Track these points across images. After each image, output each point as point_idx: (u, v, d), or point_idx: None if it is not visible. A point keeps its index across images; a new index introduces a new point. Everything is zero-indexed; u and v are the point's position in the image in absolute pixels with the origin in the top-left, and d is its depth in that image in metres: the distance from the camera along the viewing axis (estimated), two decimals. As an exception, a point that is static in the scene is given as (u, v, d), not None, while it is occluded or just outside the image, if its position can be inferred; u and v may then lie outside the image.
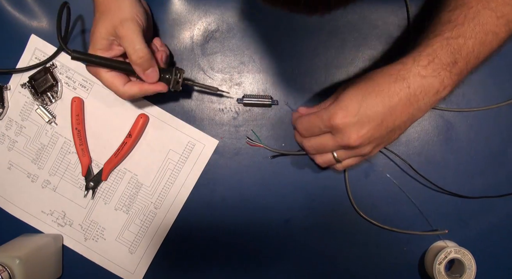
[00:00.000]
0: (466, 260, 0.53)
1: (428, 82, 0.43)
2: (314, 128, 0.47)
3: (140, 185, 0.59)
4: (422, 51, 0.44)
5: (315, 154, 0.50)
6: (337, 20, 0.56)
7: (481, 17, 0.43)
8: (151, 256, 0.59)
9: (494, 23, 0.44)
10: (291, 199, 0.58)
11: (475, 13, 0.44)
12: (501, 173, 0.57)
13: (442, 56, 0.43)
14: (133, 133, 0.56)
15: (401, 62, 0.44)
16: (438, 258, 0.53)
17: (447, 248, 0.54)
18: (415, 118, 0.46)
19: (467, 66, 0.44)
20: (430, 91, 0.44)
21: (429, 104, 0.45)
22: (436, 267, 0.53)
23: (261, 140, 0.57)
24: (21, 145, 0.59)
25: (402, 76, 0.43)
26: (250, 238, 0.58)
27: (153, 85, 0.50)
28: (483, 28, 0.43)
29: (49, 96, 0.58)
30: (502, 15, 0.44)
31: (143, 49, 0.47)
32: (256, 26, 0.57)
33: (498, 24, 0.44)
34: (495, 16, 0.44)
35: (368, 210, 0.57)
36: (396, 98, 0.43)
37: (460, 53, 0.43)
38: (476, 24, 0.43)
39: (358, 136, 0.44)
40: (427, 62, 0.43)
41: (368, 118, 0.44)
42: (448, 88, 0.44)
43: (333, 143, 0.46)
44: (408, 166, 0.56)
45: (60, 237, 0.60)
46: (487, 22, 0.43)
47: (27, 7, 0.58)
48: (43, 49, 0.58)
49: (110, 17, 0.47)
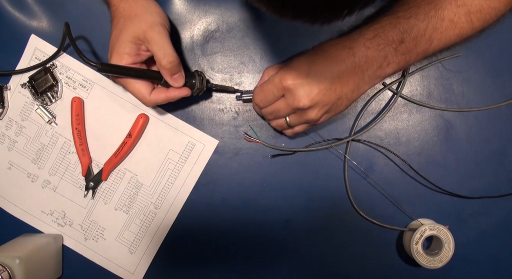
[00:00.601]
0: (442, 235, 0.53)
1: (372, 54, 0.45)
2: (269, 95, 0.48)
3: (140, 185, 0.59)
4: (370, 26, 0.46)
5: (272, 119, 0.51)
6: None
7: (439, 2, 0.44)
8: (151, 256, 0.59)
9: (452, 10, 0.44)
10: (291, 199, 0.58)
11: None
12: (501, 173, 0.57)
13: (389, 33, 0.44)
14: (133, 133, 0.56)
15: (348, 35, 0.46)
16: (414, 238, 0.53)
17: (421, 227, 0.53)
18: (360, 89, 0.47)
19: (416, 48, 0.45)
20: (373, 63, 0.45)
21: (373, 77, 0.46)
22: (414, 247, 0.53)
23: (259, 136, 0.57)
24: (21, 145, 0.59)
25: (349, 46, 0.45)
26: (250, 238, 0.58)
27: (178, 91, 0.50)
28: (438, 13, 0.44)
29: (49, 96, 0.58)
30: (462, 4, 0.44)
31: (173, 53, 0.47)
32: (256, 26, 0.57)
33: (456, 12, 0.44)
34: (454, 4, 0.44)
35: (368, 210, 0.57)
36: (343, 65, 0.45)
37: (409, 33, 0.44)
38: (431, 8, 0.44)
39: (308, 98, 0.45)
40: (372, 36, 0.45)
41: (318, 81, 0.45)
42: (392, 65, 0.45)
43: (285, 105, 0.47)
44: (408, 166, 0.56)
45: (60, 237, 0.60)
46: (444, 7, 0.44)
47: (27, 7, 0.58)
48: (43, 49, 0.58)
49: (138, 22, 0.47)
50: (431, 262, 0.53)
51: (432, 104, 0.57)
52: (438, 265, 0.53)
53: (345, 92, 0.46)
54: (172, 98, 0.50)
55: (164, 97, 0.50)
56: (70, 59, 0.58)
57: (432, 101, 0.57)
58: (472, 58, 0.56)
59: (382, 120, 0.57)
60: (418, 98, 0.57)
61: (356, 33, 0.46)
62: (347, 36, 0.46)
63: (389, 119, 0.57)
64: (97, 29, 0.56)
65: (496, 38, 0.55)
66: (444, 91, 0.57)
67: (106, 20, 0.57)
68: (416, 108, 0.57)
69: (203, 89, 0.53)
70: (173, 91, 0.50)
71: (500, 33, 0.54)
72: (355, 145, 0.57)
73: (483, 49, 0.56)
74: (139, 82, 0.49)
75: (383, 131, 0.57)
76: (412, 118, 0.57)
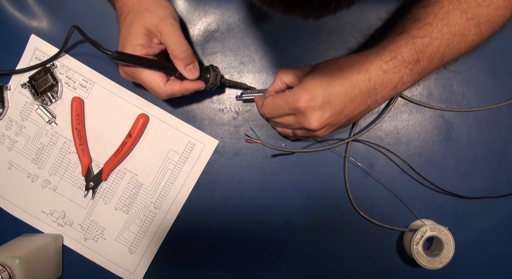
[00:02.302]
0: (443, 236, 0.53)
1: (388, 77, 0.44)
2: (279, 111, 0.48)
3: (140, 185, 0.59)
4: (386, 46, 0.45)
5: (279, 127, 0.52)
6: (337, 20, 0.56)
7: (451, 18, 0.44)
8: (151, 256, 0.59)
9: (463, 24, 0.44)
10: (291, 199, 0.58)
11: (444, 14, 0.44)
12: (501, 173, 0.57)
13: (405, 54, 0.44)
14: (133, 133, 0.56)
15: (365, 54, 0.46)
16: (415, 238, 0.53)
17: (422, 227, 0.53)
18: (370, 109, 0.47)
19: (430, 66, 0.45)
20: (388, 86, 0.45)
21: (386, 97, 0.46)
22: (414, 248, 0.53)
23: (259, 136, 0.56)
24: (21, 145, 0.59)
25: (365, 69, 0.44)
26: (250, 238, 0.58)
27: (192, 83, 0.50)
28: (451, 29, 0.44)
29: (49, 96, 0.58)
30: (472, 17, 0.44)
31: (186, 43, 0.48)
32: (256, 26, 0.57)
33: (467, 26, 0.44)
34: (465, 18, 0.44)
35: (368, 210, 0.57)
36: (357, 89, 0.45)
37: (424, 52, 0.44)
38: (444, 25, 0.44)
39: (319, 123, 0.45)
40: (390, 58, 0.44)
41: (330, 105, 0.45)
42: (406, 84, 0.46)
43: (294, 122, 0.48)
44: (408, 166, 0.56)
45: (60, 237, 0.60)
46: (456, 23, 0.44)
47: (27, 7, 0.58)
48: (43, 49, 0.58)
49: (149, 15, 0.47)
50: (431, 263, 0.53)
51: (432, 104, 0.57)
52: (438, 266, 0.53)
53: (355, 114, 0.46)
54: (187, 90, 0.50)
55: (179, 88, 0.50)
56: (70, 59, 0.58)
57: (432, 101, 0.57)
58: (472, 58, 0.56)
59: (382, 121, 0.57)
60: (418, 98, 0.57)
61: (373, 54, 0.45)
62: (364, 55, 0.46)
63: (389, 119, 0.57)
64: (97, 29, 0.56)
65: (496, 38, 0.55)
66: (444, 91, 0.57)
67: (106, 20, 0.57)
68: (416, 108, 0.57)
69: (216, 84, 0.53)
70: (188, 83, 0.50)
71: (500, 33, 0.54)
72: (355, 144, 0.57)
73: (483, 49, 0.56)
74: (153, 73, 0.48)
75: (383, 131, 0.57)
76: (412, 118, 0.57)
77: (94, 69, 0.58)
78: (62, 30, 0.58)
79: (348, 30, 0.56)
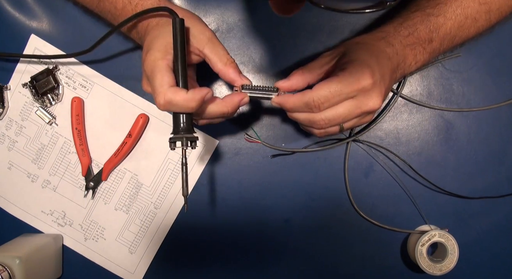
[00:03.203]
0: (449, 245, 0.53)
1: (407, 53, 0.44)
2: (335, 98, 0.40)
3: (140, 185, 0.59)
4: (402, 22, 0.45)
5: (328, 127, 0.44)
6: (337, 20, 0.56)
7: (464, 0, 0.44)
8: (151, 256, 0.59)
9: (475, 8, 0.44)
10: (291, 199, 0.58)
11: None
12: (501, 173, 0.57)
13: (421, 32, 0.44)
14: (133, 133, 0.56)
15: (383, 31, 0.45)
16: (421, 240, 0.53)
17: (431, 231, 0.53)
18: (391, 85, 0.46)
19: (441, 47, 0.45)
20: (406, 62, 0.45)
21: (402, 74, 0.46)
22: (419, 249, 0.53)
23: (259, 136, 0.56)
24: (21, 145, 0.59)
25: (390, 42, 0.44)
26: (250, 238, 0.58)
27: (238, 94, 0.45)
28: (464, 11, 0.44)
29: (49, 98, 0.58)
30: (485, 2, 0.44)
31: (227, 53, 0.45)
32: (256, 26, 0.57)
33: (479, 11, 0.45)
34: (478, 2, 0.44)
35: (368, 210, 0.57)
36: (392, 62, 0.43)
37: (438, 32, 0.44)
38: (458, 6, 0.44)
39: (381, 98, 0.41)
40: (407, 34, 0.44)
41: (384, 79, 0.42)
42: (418, 64, 0.45)
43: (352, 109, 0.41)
44: (408, 166, 0.56)
45: (60, 237, 0.60)
46: (469, 5, 0.44)
47: (27, 7, 0.58)
48: (43, 49, 0.58)
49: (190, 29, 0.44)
50: (431, 268, 0.53)
51: (432, 104, 0.57)
52: (437, 273, 0.53)
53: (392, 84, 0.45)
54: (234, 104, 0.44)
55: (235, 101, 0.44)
56: (71, 59, 0.58)
57: (432, 101, 0.57)
58: (472, 58, 0.56)
59: (382, 121, 0.57)
60: (418, 98, 0.57)
61: (390, 29, 0.45)
62: (383, 31, 0.45)
63: (389, 119, 0.57)
64: (97, 29, 0.56)
65: (496, 38, 0.55)
66: (444, 91, 0.57)
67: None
68: (416, 108, 0.57)
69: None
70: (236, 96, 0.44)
71: (500, 33, 0.54)
72: (355, 144, 0.57)
73: (483, 49, 0.56)
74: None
75: (383, 131, 0.57)
76: (412, 118, 0.57)
77: (94, 69, 0.58)
78: (62, 30, 0.58)
79: (348, 30, 0.56)
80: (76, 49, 0.57)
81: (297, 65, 0.57)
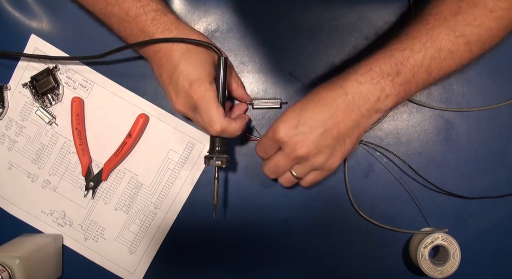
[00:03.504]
0: (451, 249, 0.53)
1: (366, 89, 0.44)
2: (266, 148, 0.49)
3: (140, 185, 0.59)
4: (362, 61, 0.45)
5: (275, 176, 0.51)
6: (337, 20, 0.56)
7: (434, 33, 0.44)
8: (151, 256, 0.59)
9: (450, 40, 0.44)
10: (290, 199, 0.58)
11: (429, 30, 0.44)
12: (501, 173, 0.57)
13: (383, 66, 0.44)
14: (133, 133, 0.56)
15: (342, 74, 0.46)
16: (424, 242, 0.53)
17: (434, 234, 0.53)
18: (362, 125, 0.46)
19: (415, 78, 0.44)
20: (370, 98, 0.44)
21: (373, 111, 0.45)
22: (421, 251, 0.53)
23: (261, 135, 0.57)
24: (21, 145, 0.59)
25: (340, 84, 0.45)
26: (249, 238, 0.58)
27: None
28: (435, 44, 0.44)
29: (49, 98, 0.58)
30: (461, 35, 0.44)
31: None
32: (256, 26, 0.57)
33: (455, 43, 0.44)
34: (453, 35, 0.43)
35: (368, 210, 0.57)
36: (335, 105, 0.44)
37: (405, 64, 0.44)
38: (428, 40, 0.44)
39: (304, 145, 0.45)
40: (366, 71, 0.44)
41: (310, 126, 0.45)
42: (392, 97, 0.45)
43: (284, 158, 0.47)
44: (408, 166, 0.56)
45: (60, 237, 0.60)
46: (441, 38, 0.44)
47: (27, 7, 0.58)
48: (43, 49, 0.58)
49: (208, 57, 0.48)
50: (432, 270, 0.53)
51: (432, 104, 0.57)
52: (437, 276, 0.53)
53: (343, 131, 0.45)
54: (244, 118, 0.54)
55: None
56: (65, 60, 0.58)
57: (432, 101, 0.57)
58: (472, 58, 0.56)
59: (382, 121, 0.57)
60: (418, 98, 0.57)
61: (349, 71, 0.46)
62: (340, 75, 0.46)
63: (389, 119, 0.57)
64: (97, 30, 0.56)
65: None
66: (444, 91, 0.57)
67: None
68: (416, 108, 0.57)
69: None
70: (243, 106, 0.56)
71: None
72: (355, 145, 0.57)
73: (483, 49, 0.56)
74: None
75: (383, 131, 0.57)
76: (412, 118, 0.57)
77: (94, 69, 0.58)
78: (62, 30, 0.58)
79: (348, 30, 0.56)
80: (76, 49, 0.58)
81: (297, 65, 0.57)
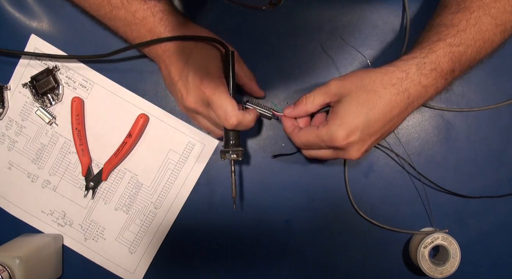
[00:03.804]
0: (452, 249, 0.53)
1: (425, 91, 0.44)
2: (313, 146, 0.47)
3: (140, 185, 0.59)
4: (425, 58, 0.43)
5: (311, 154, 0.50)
6: (337, 20, 0.56)
7: (482, 24, 0.43)
8: (151, 256, 0.59)
9: (492, 30, 0.44)
10: (291, 199, 0.58)
11: (476, 19, 0.43)
12: (501, 173, 0.57)
13: (444, 65, 0.43)
14: (133, 133, 0.56)
15: (404, 71, 0.43)
16: (424, 242, 0.53)
17: (435, 234, 0.53)
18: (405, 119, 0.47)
19: (460, 73, 0.45)
20: (425, 96, 0.45)
21: (419, 106, 0.46)
22: (421, 251, 0.53)
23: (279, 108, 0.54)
24: (21, 145, 0.59)
25: (405, 88, 0.43)
26: (249, 238, 0.58)
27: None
28: (482, 36, 0.43)
29: (50, 98, 0.58)
30: (501, 23, 0.43)
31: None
32: (255, 26, 0.57)
33: (496, 32, 0.44)
34: (494, 24, 0.43)
35: (368, 210, 0.57)
36: (397, 110, 0.43)
37: (460, 62, 0.44)
38: (477, 32, 0.43)
39: (360, 153, 0.45)
40: (430, 71, 0.43)
41: (370, 134, 0.44)
42: (439, 92, 0.46)
43: (330, 154, 0.47)
44: (409, 165, 0.56)
45: (60, 237, 0.60)
46: (486, 29, 0.43)
47: (27, 7, 0.58)
48: (43, 49, 0.58)
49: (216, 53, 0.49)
50: (432, 270, 0.53)
51: (432, 104, 0.57)
52: (437, 276, 0.53)
53: (391, 131, 0.47)
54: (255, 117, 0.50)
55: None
56: (71, 59, 0.58)
57: (432, 101, 0.57)
58: (472, 58, 0.56)
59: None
60: (418, 98, 0.57)
61: (412, 67, 0.43)
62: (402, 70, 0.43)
63: (389, 119, 0.57)
64: (97, 29, 0.56)
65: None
66: (444, 91, 0.57)
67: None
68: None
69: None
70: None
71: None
72: (355, 145, 0.57)
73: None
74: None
75: (383, 131, 0.57)
76: (412, 118, 0.57)
77: (94, 69, 0.58)
78: (62, 30, 0.58)
79: (348, 30, 0.56)
80: (76, 49, 0.58)
81: (296, 65, 0.57)
